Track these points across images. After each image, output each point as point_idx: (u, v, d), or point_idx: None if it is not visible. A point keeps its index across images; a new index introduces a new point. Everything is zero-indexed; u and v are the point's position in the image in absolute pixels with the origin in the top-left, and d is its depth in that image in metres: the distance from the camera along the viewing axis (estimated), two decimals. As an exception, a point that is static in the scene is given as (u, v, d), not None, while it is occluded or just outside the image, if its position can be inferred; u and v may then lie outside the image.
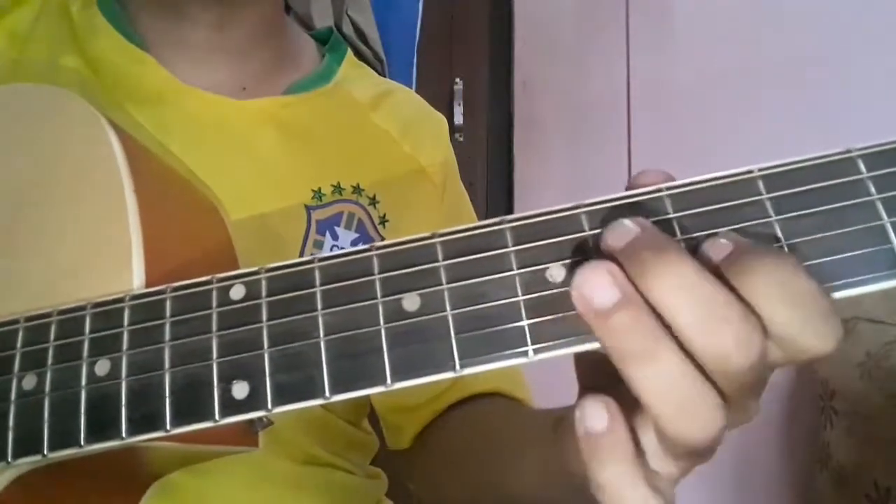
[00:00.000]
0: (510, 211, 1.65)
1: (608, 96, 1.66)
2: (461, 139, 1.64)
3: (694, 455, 0.26)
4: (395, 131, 0.63)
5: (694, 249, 0.25)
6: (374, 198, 0.58)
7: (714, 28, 1.63)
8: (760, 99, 1.56)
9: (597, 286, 0.24)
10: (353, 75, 0.65)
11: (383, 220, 0.58)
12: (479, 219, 0.71)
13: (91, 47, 0.56)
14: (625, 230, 0.25)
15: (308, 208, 0.55)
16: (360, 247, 0.28)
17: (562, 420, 0.31)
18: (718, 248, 0.24)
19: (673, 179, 0.27)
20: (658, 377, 0.23)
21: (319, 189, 0.56)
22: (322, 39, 0.68)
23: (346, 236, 0.56)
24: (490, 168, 1.68)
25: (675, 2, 1.68)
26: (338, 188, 0.57)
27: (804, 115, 1.52)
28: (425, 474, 0.62)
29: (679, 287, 0.23)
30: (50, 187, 0.37)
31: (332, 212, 0.56)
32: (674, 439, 0.24)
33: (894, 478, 1.10)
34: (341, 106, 0.62)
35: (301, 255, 0.54)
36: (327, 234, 0.55)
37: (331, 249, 0.55)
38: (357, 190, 0.58)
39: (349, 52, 0.66)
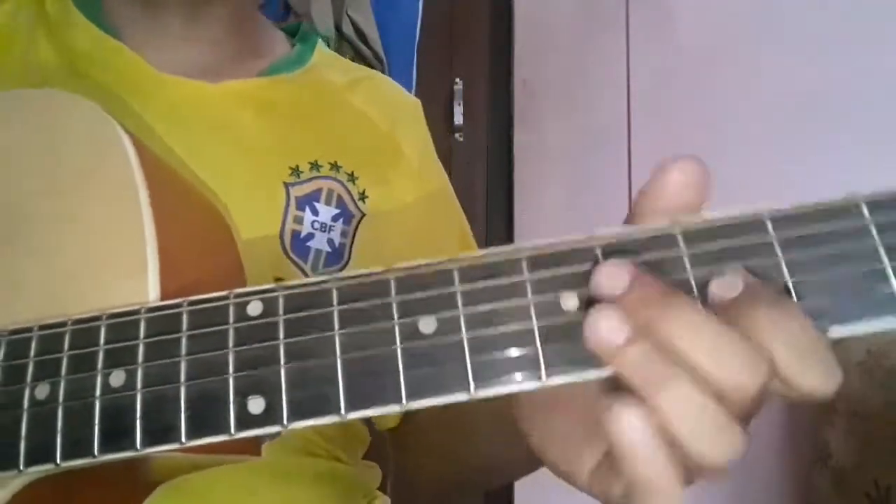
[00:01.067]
0: (510, 211, 1.65)
1: (608, 96, 1.66)
2: (461, 139, 1.64)
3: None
4: (372, 113, 0.64)
5: (704, 284, 0.26)
6: (352, 174, 0.59)
7: (714, 28, 1.63)
8: (760, 99, 1.56)
9: (608, 327, 0.25)
10: (327, 61, 0.66)
11: (363, 196, 0.59)
12: (474, 215, 0.72)
13: (66, 40, 0.57)
14: (622, 273, 0.26)
15: (287, 185, 0.56)
16: (377, 268, 0.28)
17: None
18: (728, 286, 0.26)
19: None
20: (675, 400, 0.25)
21: (297, 167, 0.57)
22: (290, 33, 0.69)
23: (326, 212, 0.57)
24: (490, 168, 1.68)
25: (676, 2, 1.68)
26: (315, 165, 0.57)
27: (804, 113, 1.52)
28: (409, 451, 0.63)
29: (687, 328, 0.25)
30: (62, 195, 0.37)
31: (311, 188, 0.57)
32: (696, 460, 0.26)
33: (894, 477, 1.10)
34: (317, 87, 0.63)
35: (282, 231, 0.54)
36: (307, 209, 0.56)
37: (311, 225, 0.56)
38: (335, 167, 0.58)
39: (320, 41, 0.67)
